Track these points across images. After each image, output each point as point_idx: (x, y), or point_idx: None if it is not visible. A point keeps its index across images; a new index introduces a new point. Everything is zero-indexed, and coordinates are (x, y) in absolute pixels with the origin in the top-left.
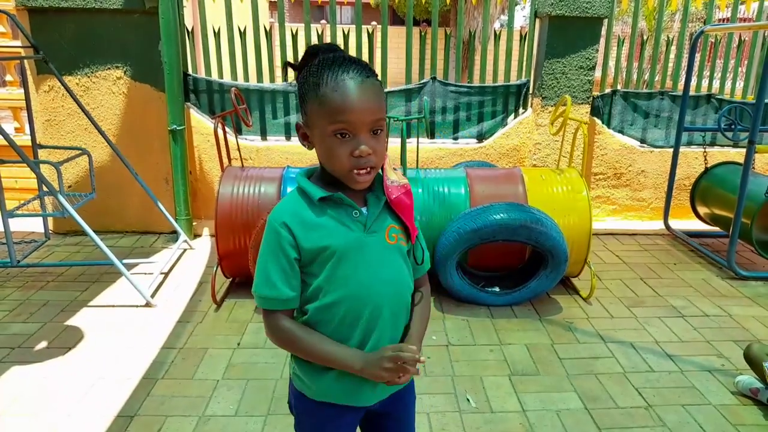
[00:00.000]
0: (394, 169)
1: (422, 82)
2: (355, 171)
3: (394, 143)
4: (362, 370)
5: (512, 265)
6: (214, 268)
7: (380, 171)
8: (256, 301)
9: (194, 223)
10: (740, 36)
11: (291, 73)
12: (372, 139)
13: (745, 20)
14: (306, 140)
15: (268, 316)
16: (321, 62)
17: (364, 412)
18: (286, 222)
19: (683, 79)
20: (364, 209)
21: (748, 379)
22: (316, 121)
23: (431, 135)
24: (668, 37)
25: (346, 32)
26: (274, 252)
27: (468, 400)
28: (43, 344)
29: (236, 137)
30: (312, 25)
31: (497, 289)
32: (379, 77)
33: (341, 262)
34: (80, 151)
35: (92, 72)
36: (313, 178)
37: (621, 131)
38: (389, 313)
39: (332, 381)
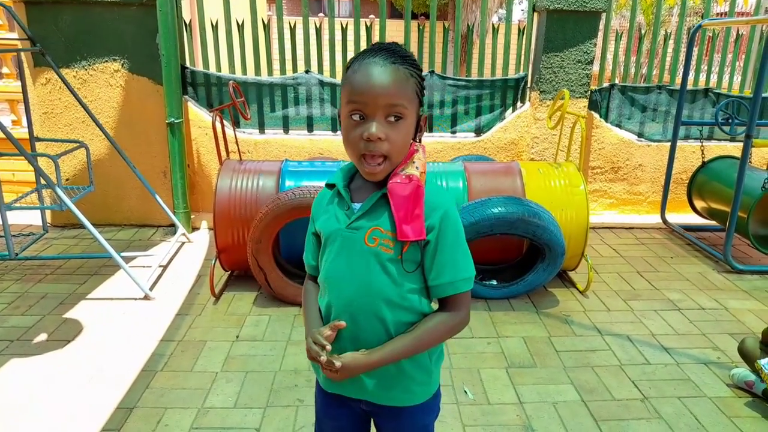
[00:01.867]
0: (413, 162)
1: None
2: (366, 157)
3: None
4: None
5: (510, 258)
6: (213, 261)
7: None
8: None
9: (192, 216)
10: (738, 30)
11: None
12: (386, 125)
13: (742, 14)
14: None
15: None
16: (361, 52)
17: (359, 410)
18: (315, 202)
19: (681, 73)
20: (357, 204)
21: (743, 371)
22: (341, 102)
23: (429, 129)
24: (666, 32)
25: (344, 25)
26: (309, 225)
27: (465, 392)
28: (42, 337)
29: (234, 130)
30: (310, 18)
31: (495, 282)
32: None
33: (325, 249)
34: (78, 144)
35: (89, 64)
36: (352, 168)
37: (619, 125)
38: (345, 313)
39: None
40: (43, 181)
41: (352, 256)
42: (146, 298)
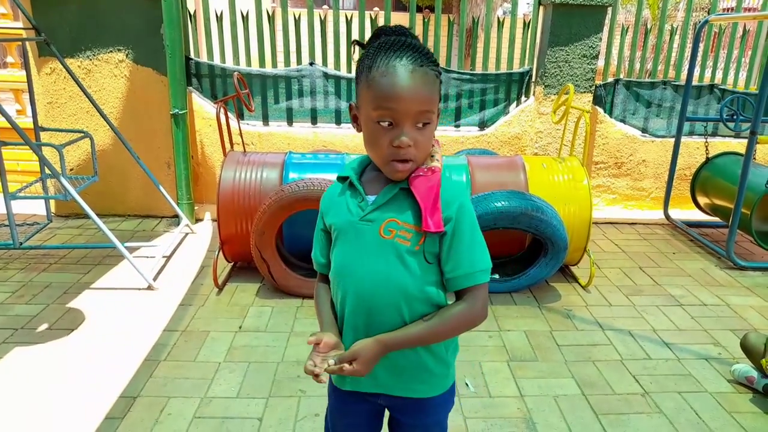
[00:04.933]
0: (432, 156)
1: None
2: (394, 162)
3: None
4: None
5: (512, 252)
6: (216, 253)
7: None
8: None
9: (196, 208)
10: (744, 26)
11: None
12: (415, 131)
13: (749, 10)
14: (356, 122)
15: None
16: (380, 45)
17: (376, 405)
18: (324, 196)
19: (686, 69)
20: (371, 197)
21: (744, 367)
22: (362, 104)
23: None
24: (672, 26)
25: (349, 17)
26: (318, 221)
27: (467, 385)
28: (46, 326)
29: (238, 122)
30: (315, 10)
31: (497, 276)
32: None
33: (337, 242)
34: (82, 134)
35: (94, 55)
36: (364, 161)
37: (623, 120)
38: (361, 307)
39: None
40: (47, 171)
41: (368, 248)
42: (150, 288)
